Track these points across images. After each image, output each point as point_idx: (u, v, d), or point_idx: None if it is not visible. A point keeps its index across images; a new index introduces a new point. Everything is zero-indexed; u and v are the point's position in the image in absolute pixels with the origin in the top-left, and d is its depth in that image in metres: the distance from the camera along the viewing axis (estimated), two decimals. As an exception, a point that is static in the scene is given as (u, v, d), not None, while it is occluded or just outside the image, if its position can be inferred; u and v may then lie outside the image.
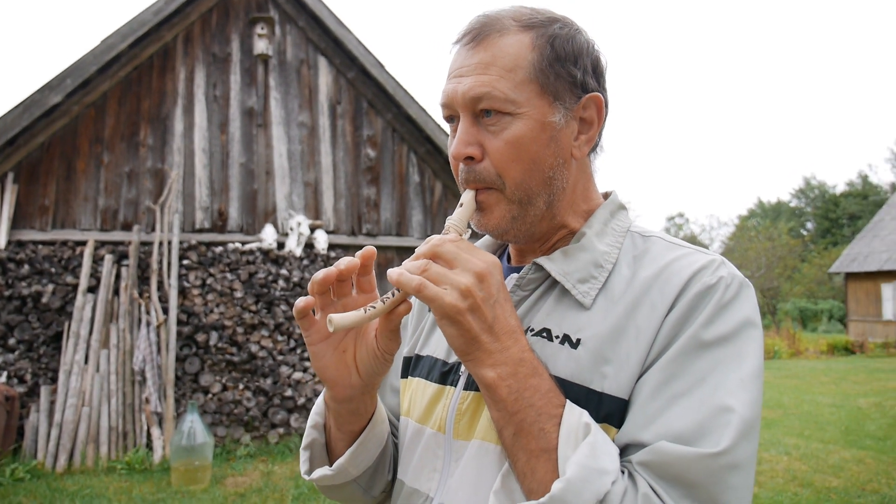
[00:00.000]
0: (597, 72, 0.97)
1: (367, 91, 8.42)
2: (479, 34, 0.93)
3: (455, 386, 0.98)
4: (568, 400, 0.82)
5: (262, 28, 7.78)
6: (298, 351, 7.42)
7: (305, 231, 7.76)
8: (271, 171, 7.94)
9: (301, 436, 7.08)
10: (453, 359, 1.02)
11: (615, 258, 0.95)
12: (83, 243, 7.00)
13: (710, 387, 0.80)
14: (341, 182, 8.28)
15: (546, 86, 0.92)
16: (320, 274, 0.86)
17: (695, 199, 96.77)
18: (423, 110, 8.47)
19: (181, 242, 7.24)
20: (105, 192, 7.25)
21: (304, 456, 1.05)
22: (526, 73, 0.91)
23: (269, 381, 7.14)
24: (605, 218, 1.00)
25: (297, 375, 7.27)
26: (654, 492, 0.75)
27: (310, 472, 1.05)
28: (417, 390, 1.06)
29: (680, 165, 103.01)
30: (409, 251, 8.54)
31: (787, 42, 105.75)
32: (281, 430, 7.11)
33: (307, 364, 7.39)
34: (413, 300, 1.21)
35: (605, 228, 0.99)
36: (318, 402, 1.07)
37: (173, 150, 7.53)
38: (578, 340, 0.88)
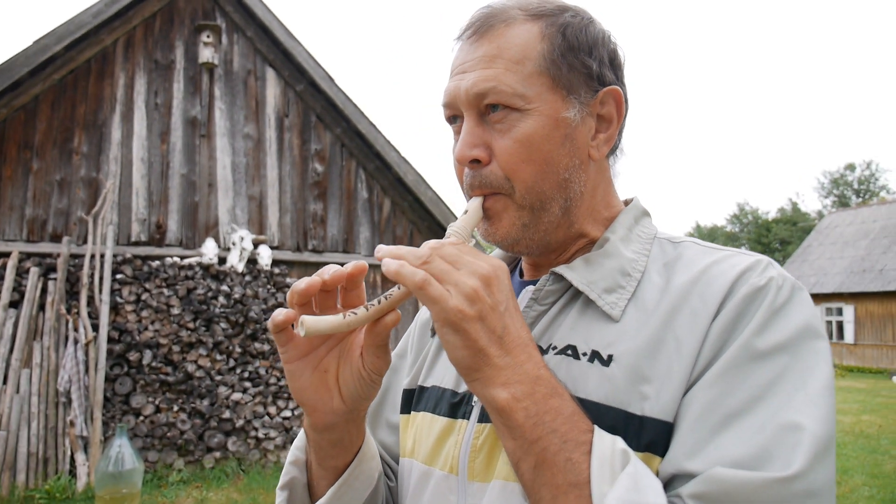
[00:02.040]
0: (614, 64, 0.89)
1: (316, 104, 8.28)
2: (483, 26, 0.85)
3: (468, 419, 0.86)
4: (596, 425, 0.70)
5: (209, 36, 7.56)
6: (238, 371, 7.13)
7: (248, 246, 7.51)
8: (214, 184, 7.67)
9: (239, 459, 6.79)
10: (464, 387, 0.89)
11: (643, 266, 0.85)
12: (6, 255, 6.57)
13: (772, 405, 0.68)
14: (287, 196, 8.08)
15: (558, 78, 0.83)
16: (302, 283, 0.74)
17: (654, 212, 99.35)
18: (373, 126, 8.38)
19: (115, 256, 6.88)
20: (33, 200, 6.83)
21: (280, 497, 0.92)
22: (535, 65, 0.82)
23: (205, 402, 6.82)
24: (629, 224, 0.90)
25: (237, 396, 6.98)
26: None
27: None
28: (423, 427, 0.93)
29: (621, 189, 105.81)
30: (356, 268, 8.39)
31: (724, 75, 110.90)
32: (217, 455, 6.79)
33: (247, 384, 7.11)
34: (414, 327, 1.10)
35: (629, 234, 0.89)
36: (300, 435, 0.94)
37: (109, 158, 7.18)
38: (610, 357, 0.77)
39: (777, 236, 48.66)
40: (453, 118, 0.88)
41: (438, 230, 8.80)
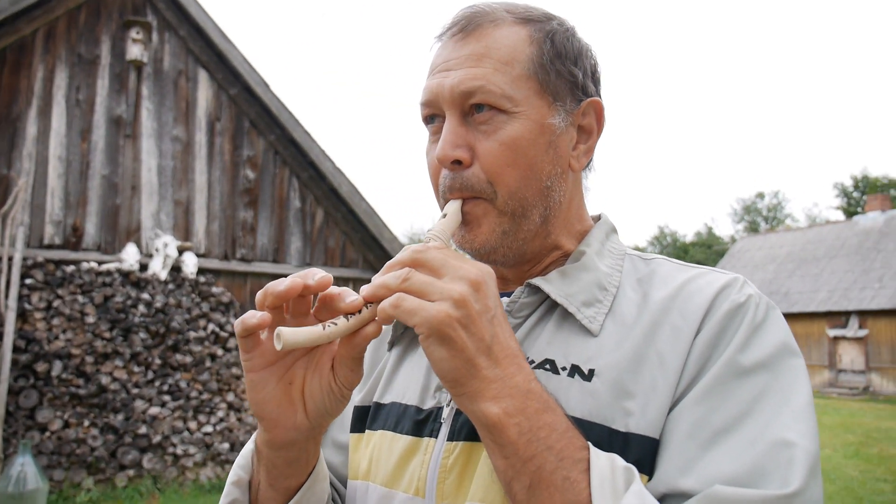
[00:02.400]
0: (595, 77, 0.88)
1: (250, 110, 8.07)
2: (470, 24, 0.82)
3: (435, 437, 0.81)
4: (589, 442, 0.68)
5: (138, 32, 7.24)
6: (157, 384, 6.79)
7: (173, 253, 7.19)
8: (138, 186, 7.32)
9: (155, 477, 6.45)
10: (430, 404, 0.85)
11: (618, 281, 0.84)
12: None
13: (759, 421, 0.67)
14: (216, 203, 7.81)
15: (546, 84, 0.82)
16: (281, 284, 0.69)
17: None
18: (308, 134, 8.25)
19: (25, 259, 6.44)
20: (-68, 196, 6.31)
21: None
22: (524, 68, 0.81)
23: (120, 416, 6.45)
24: (602, 238, 0.90)
25: (154, 410, 6.64)
26: None
27: None
28: (381, 446, 0.87)
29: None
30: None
31: (647, 103, 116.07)
32: (131, 473, 6.42)
33: (166, 398, 6.77)
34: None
35: (602, 249, 0.88)
36: (244, 453, 0.87)
37: (23, 155, 6.73)
38: (591, 371, 0.75)
39: (693, 258, 51.06)
40: (431, 118, 0.85)
41: (371, 242, 8.73)
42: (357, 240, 8.77)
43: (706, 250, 50.79)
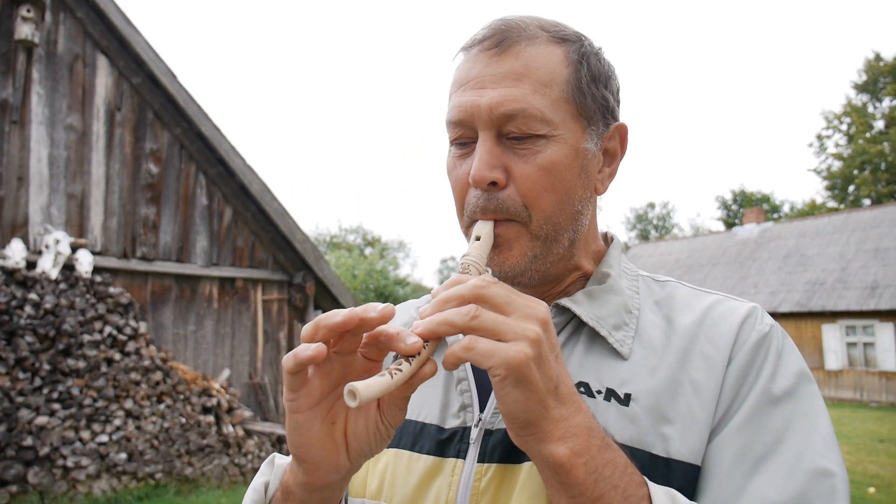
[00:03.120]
0: (618, 99, 0.87)
1: (154, 100, 7.65)
2: (505, 39, 0.79)
3: (463, 458, 0.79)
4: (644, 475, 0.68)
5: (29, 11, 6.68)
6: (45, 391, 6.27)
7: (65, 250, 6.68)
8: (25, 177, 6.74)
9: (42, 493, 5.94)
10: (453, 423, 0.83)
11: (639, 303, 0.85)
12: None
13: (794, 448, 0.71)
14: (114, 197, 7.33)
15: (583, 107, 0.80)
16: (337, 316, 0.64)
17: (465, 244, 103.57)
18: (218, 129, 7.93)
19: None
20: None
21: None
22: (561, 91, 0.79)
23: (1, 427, 5.90)
24: (619, 259, 0.90)
25: (42, 420, 6.12)
26: None
27: None
28: (396, 466, 0.85)
29: (453, 211, 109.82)
30: (190, 280, 7.83)
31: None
32: (14, 488, 5.88)
33: (55, 406, 6.27)
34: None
35: (621, 271, 0.89)
36: (256, 488, 0.83)
37: None
38: (628, 396, 0.76)
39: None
40: (463, 140, 0.82)
41: (282, 243, 8.51)
42: (267, 240, 8.52)
43: (601, 256, 52.94)
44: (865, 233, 21.22)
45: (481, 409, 0.82)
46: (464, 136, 0.82)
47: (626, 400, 0.76)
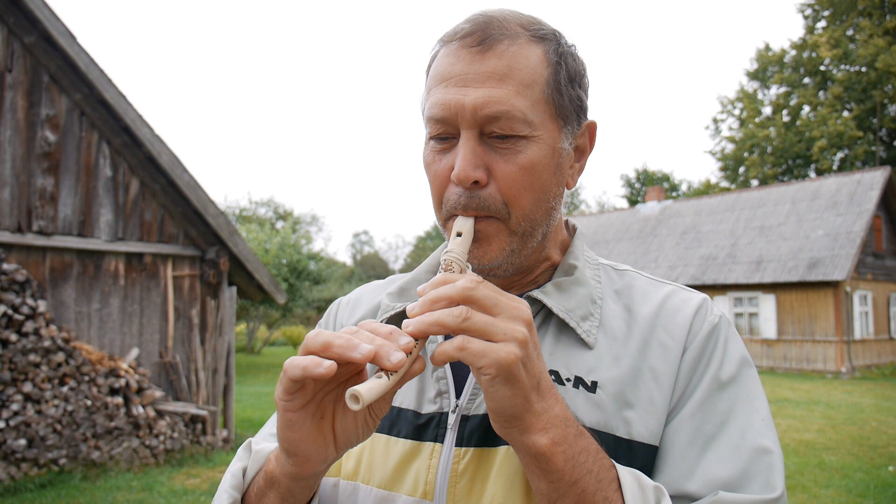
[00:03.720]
0: (587, 95, 0.90)
1: (51, 63, 7.09)
2: (487, 38, 0.80)
3: (440, 442, 0.84)
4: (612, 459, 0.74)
5: None
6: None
7: (-49, 223, 6.14)
8: None
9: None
10: (430, 409, 0.87)
11: (601, 293, 0.90)
12: None
13: (738, 428, 0.79)
14: (6, 167, 6.79)
15: (560, 108, 0.83)
16: (355, 352, 0.66)
17: (379, 219, 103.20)
18: (123, 96, 7.47)
19: None
20: None
21: None
22: (542, 92, 0.81)
23: None
24: (583, 249, 0.95)
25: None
26: None
27: None
28: (374, 449, 0.88)
29: (365, 185, 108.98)
30: (93, 255, 7.42)
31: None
32: None
33: (-56, 392, 5.81)
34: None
35: (586, 262, 0.93)
36: (234, 473, 0.85)
37: None
38: (594, 383, 0.81)
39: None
40: (444, 136, 0.83)
41: (194, 217, 8.19)
42: (178, 214, 8.17)
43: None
44: (753, 211, 22.91)
45: (457, 396, 0.87)
46: (445, 132, 0.83)
47: (592, 387, 0.82)
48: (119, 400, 6.93)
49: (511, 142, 0.80)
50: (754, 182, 34.21)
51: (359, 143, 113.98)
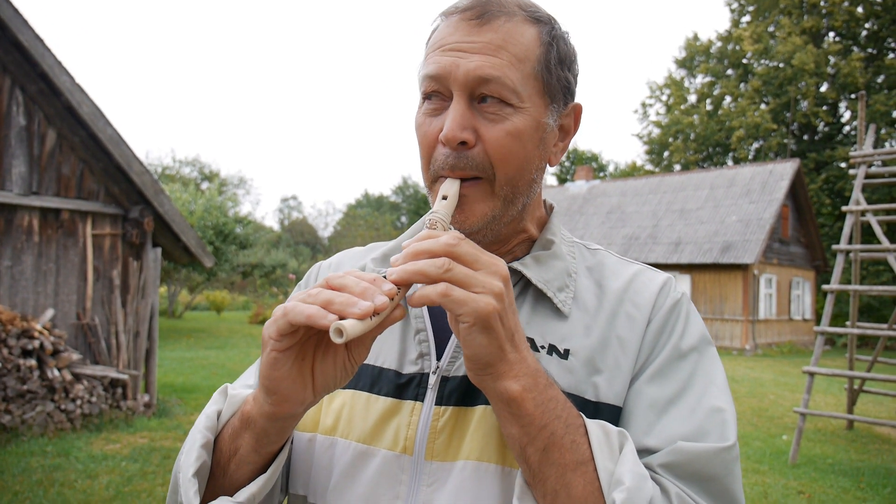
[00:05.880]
0: (576, 81, 0.95)
1: (-42, -3, 6.51)
2: (487, 12, 0.86)
3: (421, 401, 0.88)
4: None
5: None
6: None
7: None
8: None
9: None
10: (411, 370, 0.91)
11: (576, 268, 0.96)
12: None
13: (695, 393, 0.85)
14: None
15: (548, 86, 0.88)
16: (358, 309, 0.69)
17: (309, 184, 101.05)
18: (40, 40, 6.98)
19: None
20: None
21: (192, 486, 0.81)
22: (532, 68, 0.86)
23: None
24: (559, 227, 1.01)
25: None
26: (683, 491, 0.77)
27: None
28: (356, 406, 0.92)
29: (295, 149, 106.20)
30: (4, 208, 6.97)
31: (391, 61, 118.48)
32: None
33: None
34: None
35: (561, 238, 0.99)
36: (209, 414, 0.87)
37: None
38: (567, 351, 0.87)
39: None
40: (433, 94, 0.88)
41: (116, 173, 7.81)
42: (99, 169, 7.76)
43: (441, 201, 54.44)
44: (674, 195, 23.93)
45: (438, 358, 0.91)
46: (437, 91, 0.87)
47: (565, 354, 0.88)
48: (32, 362, 6.60)
49: (499, 107, 0.85)
50: (677, 167, 35.60)
51: (291, 104, 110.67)
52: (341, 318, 0.70)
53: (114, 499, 5.11)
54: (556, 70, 0.89)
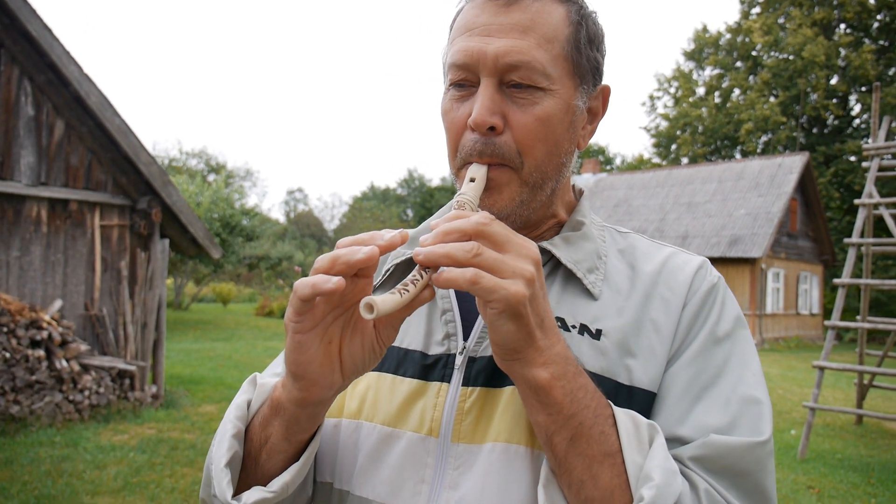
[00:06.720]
0: (604, 60, 0.93)
1: (-34, -13, 6.50)
2: None
3: (447, 382, 0.86)
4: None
5: None
6: None
7: None
8: None
9: None
10: (437, 350, 0.89)
11: (606, 251, 0.94)
12: None
13: (730, 380, 0.83)
14: (-86, 98, 6.23)
15: (578, 66, 0.86)
16: (359, 253, 0.68)
17: (315, 177, 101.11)
18: (49, 30, 6.96)
19: None
20: None
21: (225, 476, 0.80)
22: (561, 48, 0.84)
23: None
24: (588, 210, 0.99)
25: None
26: (712, 486, 0.75)
27: (235, 494, 0.80)
28: (380, 388, 0.90)
29: (302, 142, 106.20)
30: (13, 199, 6.97)
31: (398, 54, 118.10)
32: None
33: None
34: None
35: (591, 220, 0.97)
36: (239, 404, 0.85)
37: None
38: (599, 331, 0.85)
39: (439, 203, 54.60)
40: (462, 82, 0.85)
41: (124, 163, 7.80)
42: (107, 159, 7.75)
43: (450, 196, 54.42)
44: (681, 188, 23.80)
45: (464, 338, 0.89)
46: (465, 79, 0.85)
47: (597, 335, 0.85)
48: (41, 353, 6.62)
49: (528, 92, 0.83)
50: (684, 160, 35.44)
51: (297, 97, 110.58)
52: (355, 275, 0.70)
53: (122, 489, 5.12)
54: (585, 50, 0.87)
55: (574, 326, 0.85)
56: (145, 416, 7.41)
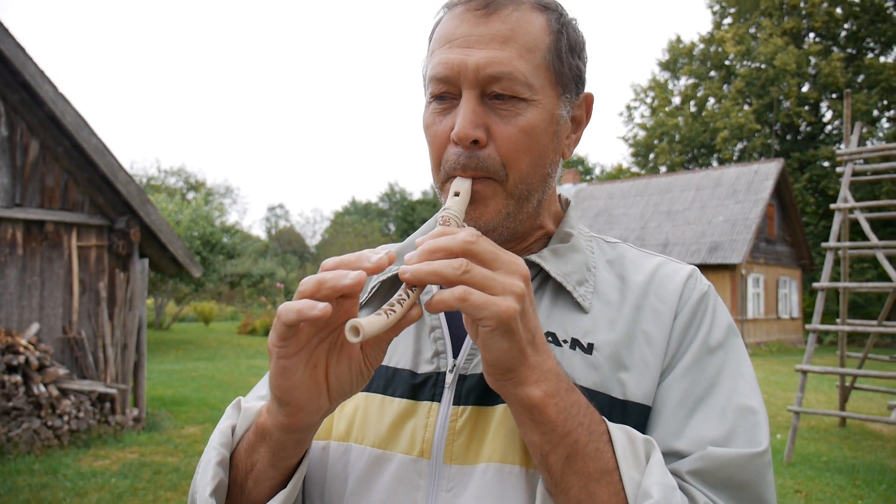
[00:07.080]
0: (586, 68, 0.92)
1: (-64, 7, 6.39)
2: (492, 2, 0.82)
3: (437, 401, 0.84)
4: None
5: None
6: None
7: None
8: None
9: None
10: (426, 369, 0.86)
11: (594, 262, 0.92)
12: None
13: (724, 390, 0.82)
14: None
15: (560, 75, 0.85)
16: (347, 278, 0.65)
17: (296, 192, 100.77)
18: (22, 49, 6.87)
19: None
20: None
21: None
22: (543, 58, 0.83)
23: None
24: (576, 221, 0.97)
25: None
26: (711, 500, 0.74)
27: None
28: (369, 409, 0.87)
29: (281, 157, 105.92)
30: (-12, 222, 6.83)
31: (376, 67, 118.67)
32: None
33: None
34: None
35: (579, 232, 0.96)
36: (223, 430, 0.82)
37: None
38: (591, 345, 0.83)
39: (420, 216, 54.65)
40: (444, 95, 0.84)
41: (101, 183, 7.69)
42: (83, 179, 7.64)
43: (432, 209, 54.58)
44: (661, 196, 24.06)
45: (454, 356, 0.87)
46: (446, 92, 0.84)
47: (589, 349, 0.83)
48: (18, 378, 6.46)
49: (511, 103, 0.82)
50: (663, 168, 35.84)
51: (276, 112, 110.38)
52: (341, 296, 0.67)
53: (104, 516, 4.99)
54: (567, 58, 0.86)
55: (566, 341, 0.84)
56: (127, 440, 7.25)
